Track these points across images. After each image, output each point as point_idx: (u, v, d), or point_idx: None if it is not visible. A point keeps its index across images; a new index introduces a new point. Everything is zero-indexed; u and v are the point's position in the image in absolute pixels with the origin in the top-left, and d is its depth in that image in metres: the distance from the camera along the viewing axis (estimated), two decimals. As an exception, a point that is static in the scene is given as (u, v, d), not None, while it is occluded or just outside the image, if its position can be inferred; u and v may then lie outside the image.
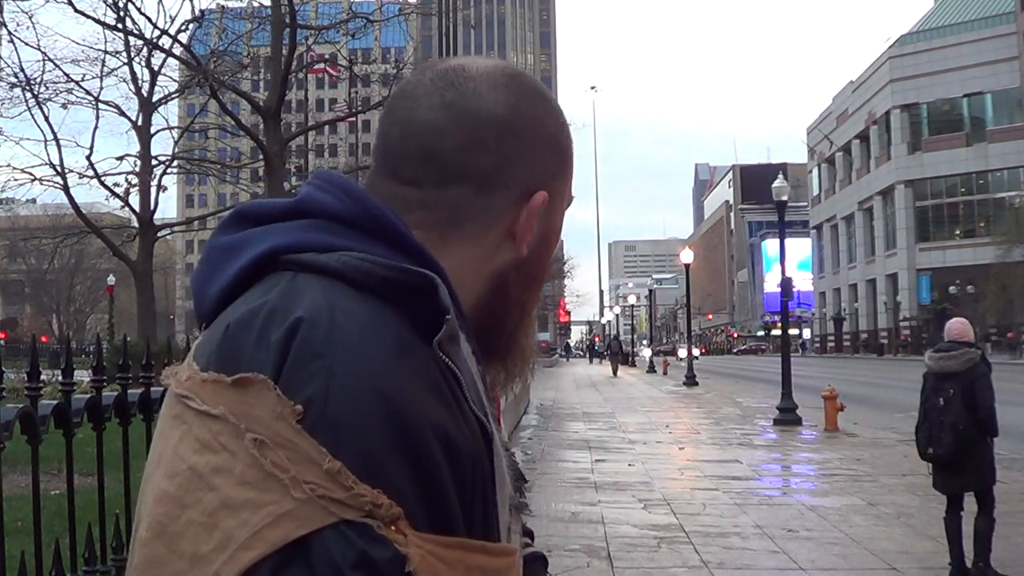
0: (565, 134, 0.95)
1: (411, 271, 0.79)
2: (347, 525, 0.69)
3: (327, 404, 0.71)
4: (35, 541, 2.27)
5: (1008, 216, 63.86)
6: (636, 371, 50.02)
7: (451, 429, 0.75)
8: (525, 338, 0.98)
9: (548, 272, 0.99)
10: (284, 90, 17.85)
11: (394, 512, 0.70)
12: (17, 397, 2.70)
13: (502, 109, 0.89)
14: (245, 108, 20.25)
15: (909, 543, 7.32)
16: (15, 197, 29.86)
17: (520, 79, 0.93)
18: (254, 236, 0.84)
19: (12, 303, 77.76)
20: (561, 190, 0.95)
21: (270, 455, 0.70)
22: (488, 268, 0.91)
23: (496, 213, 0.89)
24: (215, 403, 0.73)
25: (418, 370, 0.75)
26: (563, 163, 0.94)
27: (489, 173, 0.88)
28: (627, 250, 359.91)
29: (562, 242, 70.13)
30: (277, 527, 0.69)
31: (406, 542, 0.70)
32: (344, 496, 0.69)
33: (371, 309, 0.77)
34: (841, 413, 15.71)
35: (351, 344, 0.74)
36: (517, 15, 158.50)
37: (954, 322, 6.56)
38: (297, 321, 0.74)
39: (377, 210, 0.84)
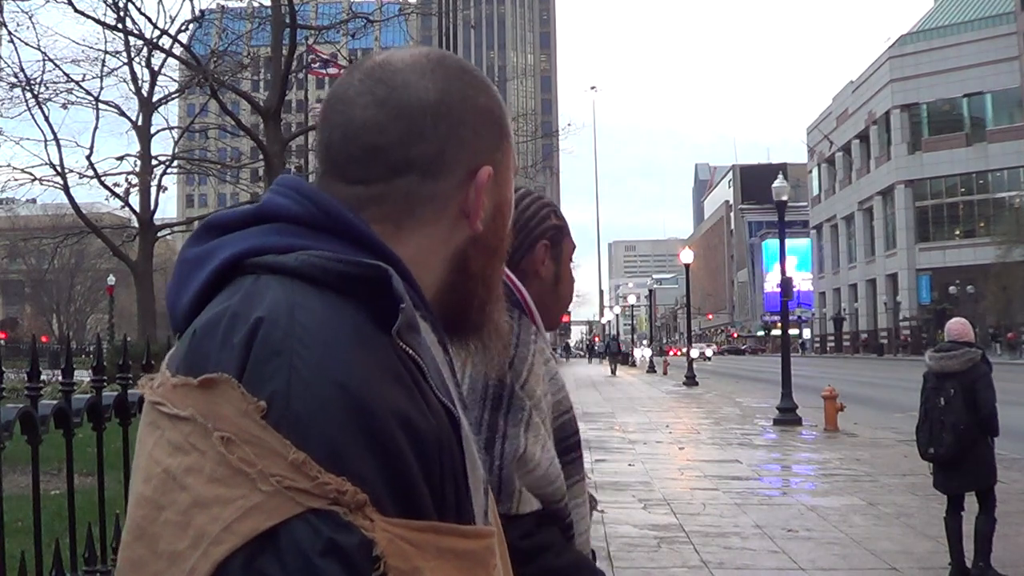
0: (497, 105, 0.97)
1: (364, 264, 0.81)
2: (314, 514, 0.71)
3: (289, 398, 0.73)
4: (35, 541, 2.27)
5: (1008, 216, 63.82)
6: (636, 371, 50.04)
7: (414, 415, 0.76)
8: (497, 313, 1.00)
9: (507, 244, 1.01)
10: (284, 90, 17.85)
11: (359, 499, 0.71)
12: (17, 397, 2.69)
13: (433, 95, 0.91)
14: (245, 108, 20.25)
15: (909, 543, 7.31)
16: (15, 197, 29.87)
17: (444, 61, 0.95)
18: (219, 245, 0.86)
19: (12, 303, 77.73)
20: (504, 161, 0.97)
21: (237, 451, 0.72)
22: (447, 249, 0.93)
23: (445, 196, 0.92)
24: (184, 405, 0.75)
25: (377, 359, 0.77)
26: (500, 134, 0.97)
27: (432, 159, 0.91)
28: (627, 250, 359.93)
29: (562, 242, 69.97)
30: (246, 520, 0.70)
31: (373, 527, 0.71)
32: (310, 486, 0.71)
33: (329, 304, 0.79)
34: (841, 413, 15.71)
35: (310, 339, 0.76)
36: (517, 15, 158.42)
37: (954, 322, 6.56)
38: (258, 321, 0.77)
39: (334, 209, 0.87)
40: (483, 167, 0.93)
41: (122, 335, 3.84)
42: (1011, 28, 65.33)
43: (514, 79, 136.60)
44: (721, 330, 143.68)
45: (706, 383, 32.62)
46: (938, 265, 69.45)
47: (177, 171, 30.91)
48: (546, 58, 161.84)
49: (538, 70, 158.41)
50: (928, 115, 72.18)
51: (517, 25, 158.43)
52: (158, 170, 26.23)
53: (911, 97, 71.89)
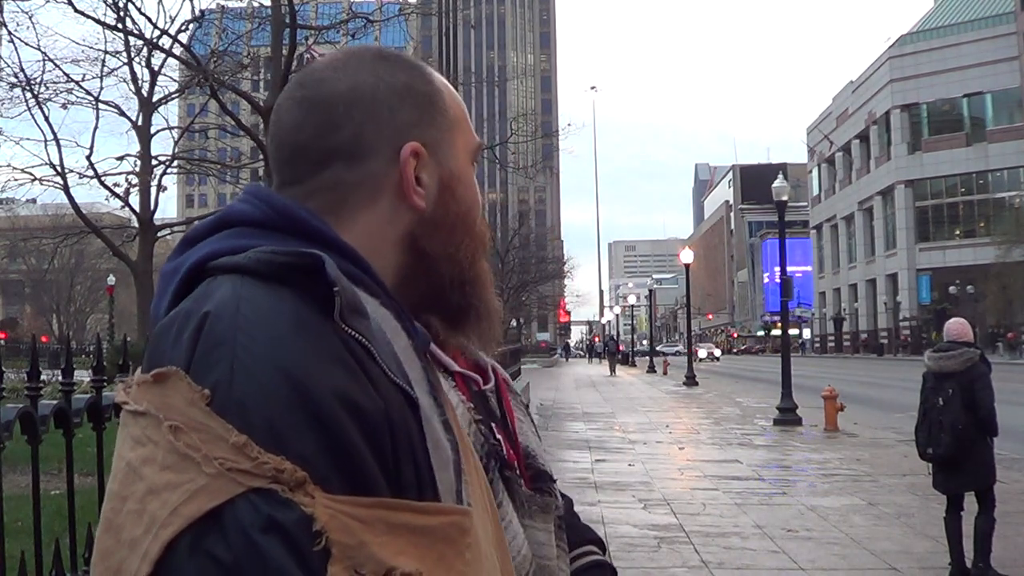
0: (422, 81, 0.99)
1: (300, 253, 0.83)
2: (255, 493, 0.73)
3: (232, 385, 0.76)
4: (35, 541, 2.27)
5: (1008, 216, 63.86)
6: (636, 371, 50.06)
7: (358, 396, 0.78)
8: (481, 291, 1.01)
9: (471, 220, 1.00)
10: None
11: (298, 476, 0.73)
12: (17, 397, 2.69)
13: (343, 84, 0.95)
14: (245, 108, 20.23)
15: (909, 543, 7.32)
16: (15, 197, 29.86)
17: (359, 52, 0.99)
18: (189, 255, 0.90)
19: (12, 303, 77.71)
20: (443, 136, 0.98)
21: (184, 438, 0.75)
22: (395, 232, 0.95)
23: (375, 178, 0.94)
24: (142, 401, 0.79)
25: (318, 343, 0.79)
26: (429, 108, 0.98)
27: (350, 145, 0.94)
28: (627, 250, 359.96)
29: (562, 242, 69.82)
30: (192, 502, 0.73)
31: (313, 503, 0.73)
32: (250, 466, 0.73)
33: (274, 295, 0.82)
34: (841, 413, 15.72)
35: (251, 329, 0.79)
36: (517, 15, 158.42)
37: (953, 322, 6.56)
38: (205, 315, 0.80)
39: (286, 208, 0.91)
40: (407, 144, 0.94)
41: (122, 335, 3.84)
42: (1011, 28, 65.34)
43: (514, 79, 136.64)
44: (721, 330, 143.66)
45: (706, 383, 32.62)
46: (938, 265, 69.46)
47: (177, 171, 30.89)
48: (546, 58, 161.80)
49: (538, 70, 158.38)
50: (928, 115, 72.19)
51: (517, 25, 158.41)
52: (158, 170, 26.22)
53: (911, 97, 71.90)
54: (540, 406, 22.03)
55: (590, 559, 1.30)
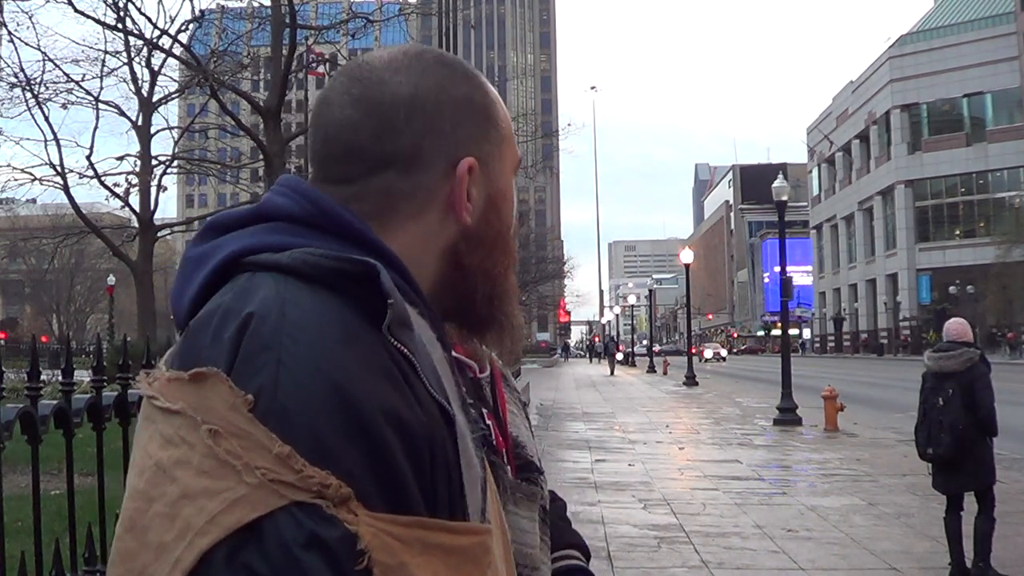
0: (482, 94, 0.96)
1: (354, 260, 0.81)
2: (298, 507, 0.71)
3: (276, 392, 0.74)
4: (35, 541, 2.27)
5: (1008, 216, 63.86)
6: (636, 371, 50.07)
7: (403, 411, 0.76)
8: (509, 307, 1.00)
9: (510, 237, 0.99)
10: (284, 90, 17.83)
11: (343, 492, 0.72)
12: (17, 397, 2.69)
13: (405, 89, 0.92)
14: (245, 108, 20.22)
15: (909, 543, 7.31)
16: (15, 197, 29.88)
17: (421, 56, 0.95)
18: (219, 244, 0.87)
19: (12, 303, 77.69)
20: (494, 152, 0.96)
21: (224, 444, 0.72)
22: (438, 244, 0.93)
23: (428, 190, 0.92)
24: (176, 399, 0.76)
25: (366, 355, 0.77)
26: (485, 124, 0.96)
27: (408, 153, 0.91)
28: (627, 250, 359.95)
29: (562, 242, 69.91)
30: (231, 512, 0.71)
31: (357, 521, 0.71)
32: (294, 479, 0.71)
33: (320, 300, 0.79)
34: (841, 413, 15.71)
35: (299, 334, 0.76)
36: (517, 15, 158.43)
37: (952, 322, 6.56)
38: (248, 316, 0.77)
39: (330, 207, 0.88)
40: (464, 158, 0.92)
41: (122, 335, 3.84)
42: (1011, 28, 65.32)
43: (514, 79, 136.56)
44: (721, 330, 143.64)
45: (706, 383, 32.63)
46: (938, 265, 69.45)
47: (177, 171, 30.88)
48: (546, 58, 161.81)
49: (538, 70, 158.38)
50: (928, 115, 72.18)
51: (517, 25, 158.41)
52: (158, 170, 26.20)
53: (911, 97, 71.89)
54: (540, 406, 22.03)
55: (569, 563, 1.30)
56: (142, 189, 25.53)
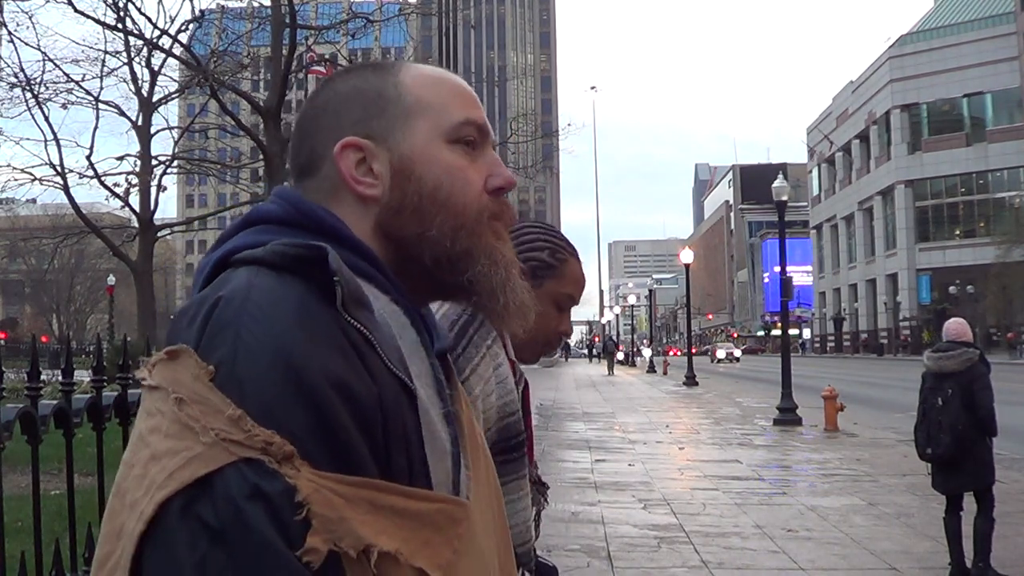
0: (373, 78, 1.03)
1: (306, 245, 0.88)
2: (245, 463, 0.77)
3: (235, 363, 0.81)
4: (35, 541, 2.27)
5: (1008, 216, 63.84)
6: (636, 371, 50.07)
7: (352, 381, 0.83)
8: (475, 264, 0.99)
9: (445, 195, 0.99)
10: (284, 90, 17.82)
11: (286, 450, 0.78)
12: (17, 397, 2.70)
13: (306, 109, 1.05)
14: (245, 108, 20.21)
15: (909, 543, 7.31)
16: (15, 197, 29.86)
17: (329, 77, 1.08)
18: (217, 251, 0.96)
19: (12, 303, 77.66)
20: (394, 123, 1.00)
21: (187, 409, 0.80)
22: (366, 226, 0.99)
23: (330, 180, 1.00)
24: (156, 377, 0.85)
25: (317, 329, 0.84)
26: (375, 103, 1.01)
27: (308, 159, 1.02)
28: (627, 250, 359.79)
29: (562, 242, 70.15)
30: (187, 468, 0.78)
31: (297, 476, 0.77)
32: (243, 437, 0.78)
33: (283, 284, 0.86)
34: (841, 413, 15.71)
35: (258, 312, 0.84)
36: (517, 15, 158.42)
37: (952, 322, 6.56)
38: (217, 300, 0.86)
39: (305, 207, 0.97)
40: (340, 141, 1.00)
41: (122, 335, 3.84)
42: (1011, 28, 65.31)
43: (514, 79, 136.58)
44: (721, 330, 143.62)
45: (706, 383, 32.62)
46: (938, 265, 69.43)
47: (177, 171, 30.85)
48: (546, 58, 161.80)
49: (538, 70, 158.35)
50: (928, 115, 72.16)
51: (517, 25, 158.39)
52: (158, 170, 26.19)
53: (911, 97, 71.88)
54: (540, 406, 22.03)
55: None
56: (142, 189, 25.52)
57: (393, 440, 0.85)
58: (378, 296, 0.92)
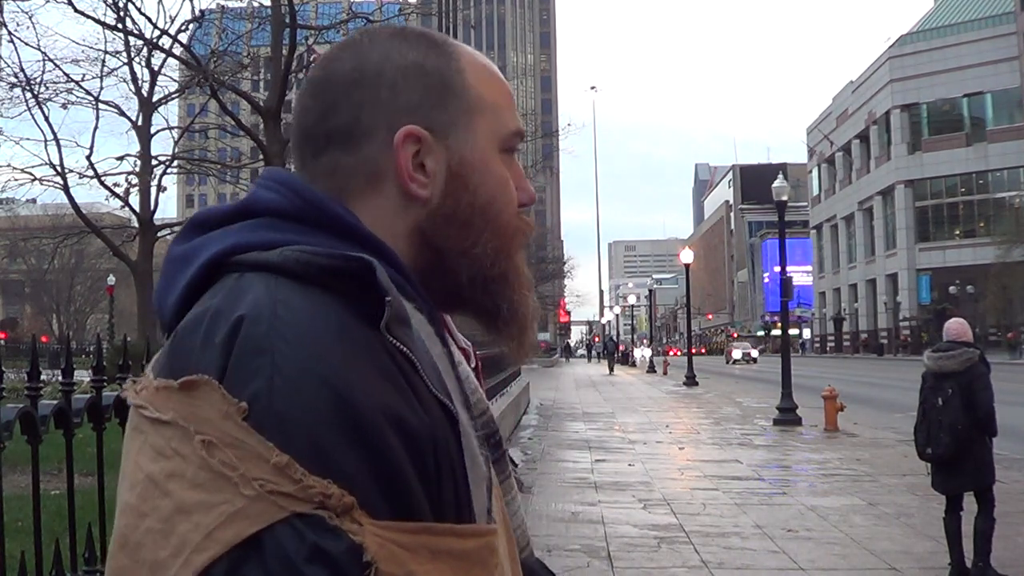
0: (438, 59, 0.90)
1: (347, 257, 0.78)
2: (299, 519, 0.68)
3: (272, 398, 0.71)
4: (35, 541, 2.27)
5: (1008, 216, 63.81)
6: (636, 371, 50.08)
7: (405, 413, 0.74)
8: (507, 291, 0.92)
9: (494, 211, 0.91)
10: (284, 90, 17.83)
11: (346, 502, 0.69)
12: (17, 397, 2.69)
13: (348, 65, 0.89)
14: (245, 108, 20.23)
15: (909, 543, 7.31)
16: (15, 197, 29.84)
17: (377, 30, 0.93)
18: (204, 242, 0.84)
19: (12, 303, 77.63)
20: (456, 121, 0.90)
21: (218, 455, 0.69)
22: (403, 224, 0.88)
23: (373, 162, 0.87)
24: (166, 409, 0.73)
25: (364, 355, 0.74)
26: (439, 90, 0.89)
27: (347, 128, 0.87)
28: (627, 250, 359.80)
29: (562, 242, 69.94)
30: (229, 526, 0.68)
31: (362, 531, 0.69)
32: (293, 489, 0.68)
33: (313, 300, 0.76)
34: (841, 413, 15.71)
35: (293, 336, 0.73)
36: (517, 15, 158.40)
37: (952, 322, 6.56)
38: (239, 319, 0.74)
39: (319, 201, 0.84)
40: (403, 126, 0.87)
41: (122, 335, 3.84)
42: (1011, 28, 65.29)
43: (514, 79, 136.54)
44: (721, 330, 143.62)
45: (706, 383, 32.61)
46: (938, 265, 69.41)
47: (177, 171, 30.86)
48: (546, 58, 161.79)
49: (538, 70, 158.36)
50: (928, 115, 72.14)
51: (517, 25, 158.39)
52: (158, 170, 26.20)
53: (911, 97, 71.85)
54: (540, 406, 22.04)
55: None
56: (142, 189, 25.52)
57: (443, 473, 0.76)
58: (406, 305, 0.80)
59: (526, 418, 18.74)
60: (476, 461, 0.82)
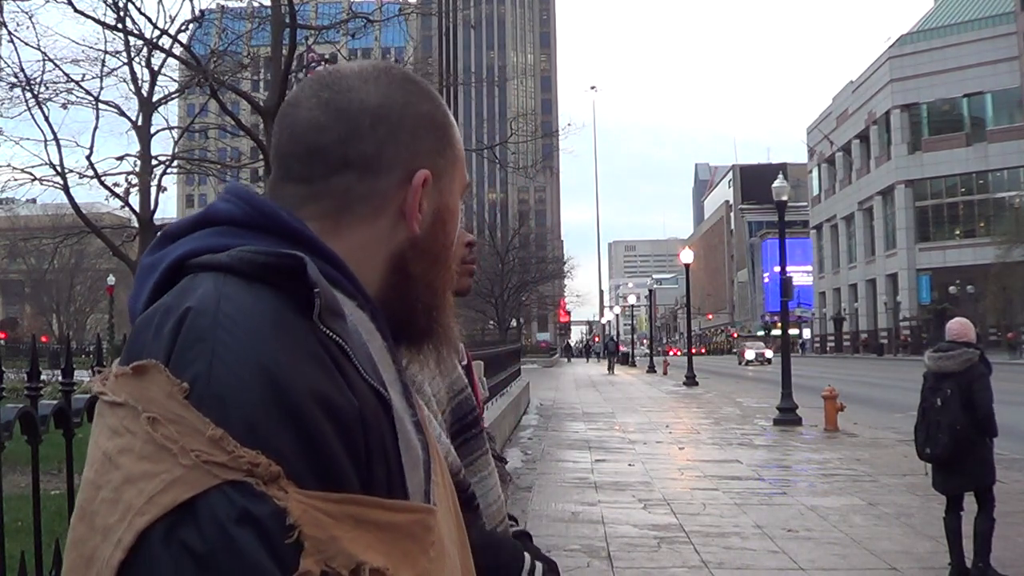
0: (441, 114, 1.02)
1: (282, 254, 0.85)
2: (230, 486, 0.74)
3: (210, 379, 0.78)
4: (35, 541, 2.27)
5: (1008, 216, 63.81)
6: (636, 371, 50.08)
7: (333, 394, 0.80)
8: (446, 318, 1.04)
9: (452, 254, 1.04)
10: (284, 90, 17.79)
11: (273, 471, 0.75)
12: (17, 397, 2.69)
13: (374, 99, 0.97)
14: (245, 108, 20.20)
15: (909, 543, 7.32)
16: (15, 197, 29.79)
17: (390, 71, 1.01)
18: (169, 251, 0.92)
19: (12, 303, 77.65)
20: (448, 170, 1.01)
21: (162, 429, 0.77)
22: (387, 248, 0.97)
23: (384, 195, 0.96)
24: (120, 392, 0.80)
25: (296, 342, 0.81)
26: (442, 140, 1.01)
27: (370, 158, 0.96)
28: (627, 250, 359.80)
29: (562, 242, 69.85)
30: (168, 492, 0.74)
31: (286, 498, 0.75)
32: (226, 459, 0.75)
33: (254, 294, 0.83)
34: (841, 413, 15.72)
35: (232, 325, 0.80)
36: (517, 15, 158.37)
37: (954, 322, 6.56)
38: (186, 311, 0.82)
39: (269, 209, 0.92)
40: (420, 170, 0.97)
41: (122, 335, 3.84)
42: (1011, 28, 65.32)
43: (514, 79, 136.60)
44: (721, 330, 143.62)
45: (706, 383, 32.62)
46: (938, 265, 69.42)
47: (177, 171, 30.79)
48: (546, 58, 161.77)
49: (538, 70, 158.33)
50: (928, 115, 72.16)
51: (517, 25, 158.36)
52: (158, 170, 26.14)
53: (911, 97, 71.87)
54: (540, 406, 22.05)
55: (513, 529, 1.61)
56: (142, 189, 25.48)
57: (374, 452, 0.83)
58: (345, 302, 0.89)
59: (526, 418, 18.74)
60: (411, 445, 0.88)
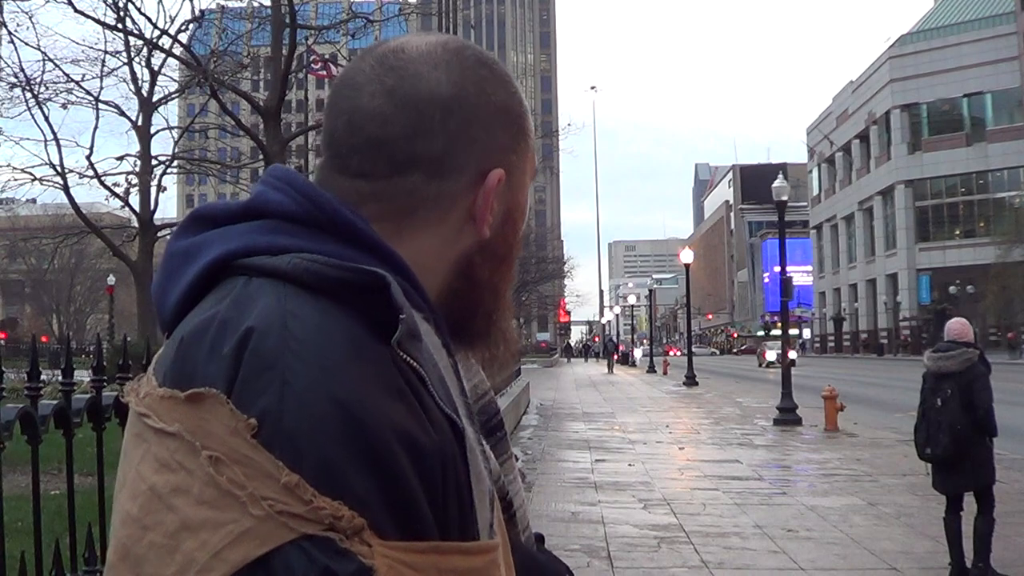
0: (517, 103, 0.92)
1: (362, 270, 0.76)
2: (308, 540, 0.67)
3: (282, 416, 0.69)
4: (35, 541, 2.27)
5: (1008, 216, 63.81)
6: (636, 371, 50.10)
7: (415, 431, 0.72)
8: (504, 321, 0.95)
9: (518, 251, 0.95)
10: (284, 90, 17.83)
11: (356, 523, 0.68)
12: (17, 397, 2.69)
13: (445, 88, 0.86)
14: (245, 108, 20.21)
15: (909, 543, 7.31)
16: (15, 197, 29.88)
17: (462, 53, 0.89)
18: (208, 240, 0.82)
19: (12, 303, 77.63)
20: (520, 164, 0.91)
21: (226, 472, 0.68)
22: (452, 253, 0.88)
23: (452, 197, 0.86)
24: (171, 420, 0.72)
25: (376, 373, 0.73)
26: (518, 134, 0.91)
27: (439, 157, 0.85)
28: (627, 250, 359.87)
29: (562, 242, 69.99)
30: (237, 547, 0.67)
31: (371, 553, 0.68)
32: (303, 510, 0.67)
33: (324, 312, 0.74)
34: (841, 413, 15.71)
35: (303, 352, 0.71)
36: (517, 15, 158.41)
37: (954, 322, 6.56)
38: (248, 331, 0.72)
39: (330, 206, 0.82)
40: (494, 169, 0.87)
41: (122, 335, 3.84)
42: (1011, 28, 65.30)
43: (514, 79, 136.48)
44: (721, 330, 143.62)
45: (706, 383, 32.61)
46: (938, 265, 69.42)
47: (177, 171, 30.90)
48: (546, 58, 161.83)
49: (538, 70, 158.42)
50: (928, 115, 72.13)
51: (517, 25, 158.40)
52: (158, 170, 26.22)
53: (911, 97, 71.84)
54: (540, 406, 22.04)
55: None
56: (142, 189, 25.54)
57: (449, 490, 0.75)
58: (415, 316, 0.79)
59: (526, 418, 18.74)
60: (480, 476, 0.80)
